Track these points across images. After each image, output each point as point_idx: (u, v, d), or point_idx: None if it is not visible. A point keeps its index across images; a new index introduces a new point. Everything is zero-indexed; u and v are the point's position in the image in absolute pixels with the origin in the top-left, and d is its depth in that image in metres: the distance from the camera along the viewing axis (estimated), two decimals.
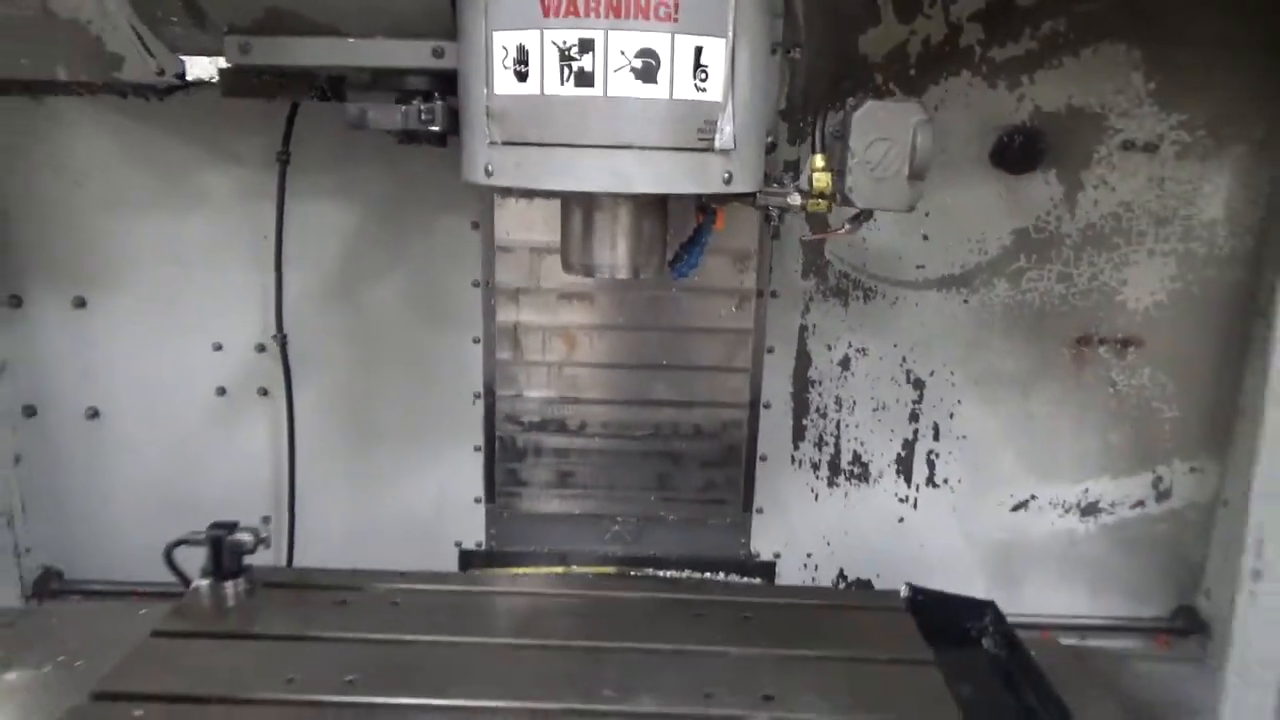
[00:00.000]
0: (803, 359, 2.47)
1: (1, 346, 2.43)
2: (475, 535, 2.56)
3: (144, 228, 2.38)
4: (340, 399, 2.49)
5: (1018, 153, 2.33)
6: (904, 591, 2.19)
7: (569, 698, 1.71)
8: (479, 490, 2.54)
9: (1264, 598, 1.87)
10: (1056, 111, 2.30)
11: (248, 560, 2.04)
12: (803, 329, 2.46)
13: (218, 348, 2.46)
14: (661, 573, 2.51)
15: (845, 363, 2.47)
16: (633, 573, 2.51)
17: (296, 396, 2.43)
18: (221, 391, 2.48)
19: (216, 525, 2.02)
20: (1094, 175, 2.33)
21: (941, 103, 2.30)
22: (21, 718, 1.78)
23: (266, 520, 2.19)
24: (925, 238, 2.39)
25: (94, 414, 2.50)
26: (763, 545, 2.57)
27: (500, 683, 1.74)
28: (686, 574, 2.51)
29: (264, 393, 2.47)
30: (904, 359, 2.47)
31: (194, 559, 2.05)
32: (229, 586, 2.00)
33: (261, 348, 2.45)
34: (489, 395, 2.47)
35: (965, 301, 2.42)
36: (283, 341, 2.37)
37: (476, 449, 2.52)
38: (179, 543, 2.06)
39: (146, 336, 2.45)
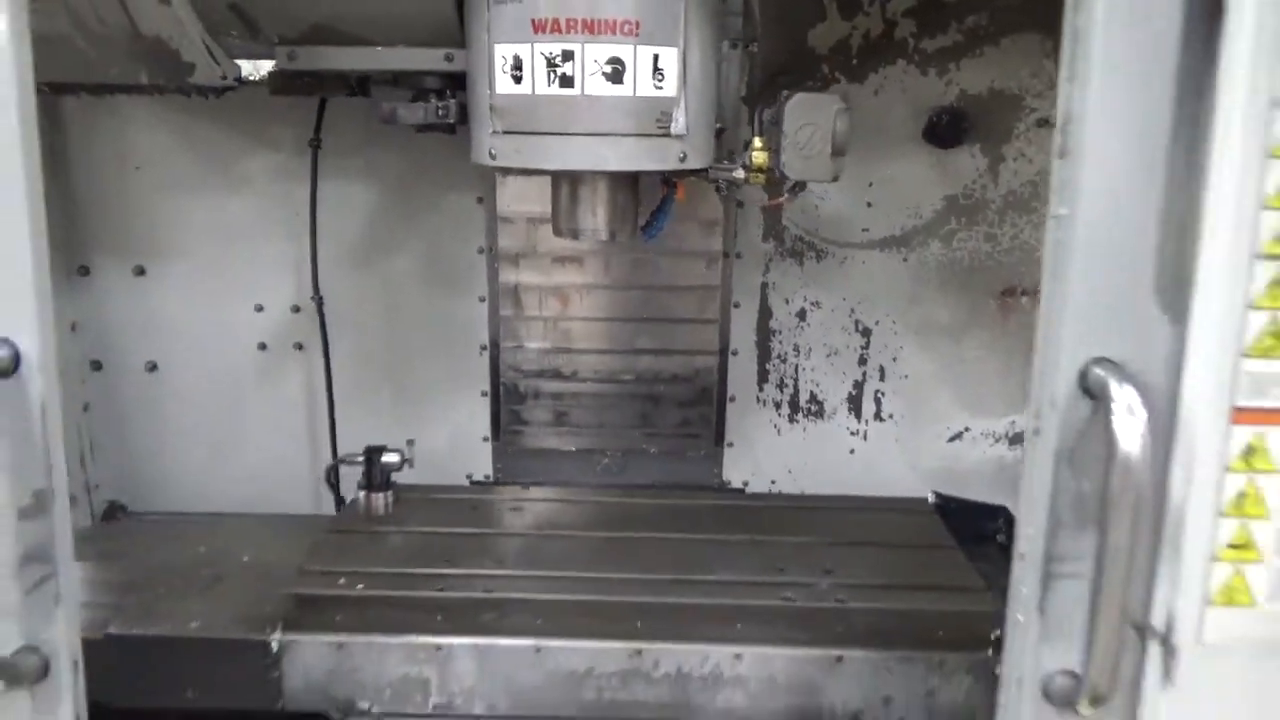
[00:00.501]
0: (764, 312, 2.78)
1: (72, 309, 2.73)
2: (484, 469, 2.88)
3: (194, 206, 2.68)
4: (365, 352, 2.79)
5: (946, 130, 2.61)
6: (931, 498, 2.61)
7: (670, 571, 2.16)
8: (486, 430, 2.85)
9: None
10: (980, 94, 2.59)
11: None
12: (764, 285, 2.76)
13: (258, 309, 2.77)
14: None
15: (802, 314, 2.78)
16: None
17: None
18: (262, 347, 2.79)
19: (371, 448, 2.45)
20: (1013, 149, 2.63)
21: (880, 88, 2.60)
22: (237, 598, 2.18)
23: (411, 443, 2.51)
24: (869, 205, 2.69)
25: (152, 367, 2.80)
26: (733, 474, 2.89)
27: (612, 562, 2.19)
28: None
29: (299, 347, 2.79)
30: (852, 310, 2.78)
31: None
32: (379, 497, 2.42)
33: (296, 308, 2.76)
34: (494, 347, 2.78)
35: (904, 260, 2.73)
36: (319, 302, 2.65)
37: (484, 394, 2.82)
38: (340, 462, 2.52)
39: (197, 299, 2.75)
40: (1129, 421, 1.11)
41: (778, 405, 2.87)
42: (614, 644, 1.97)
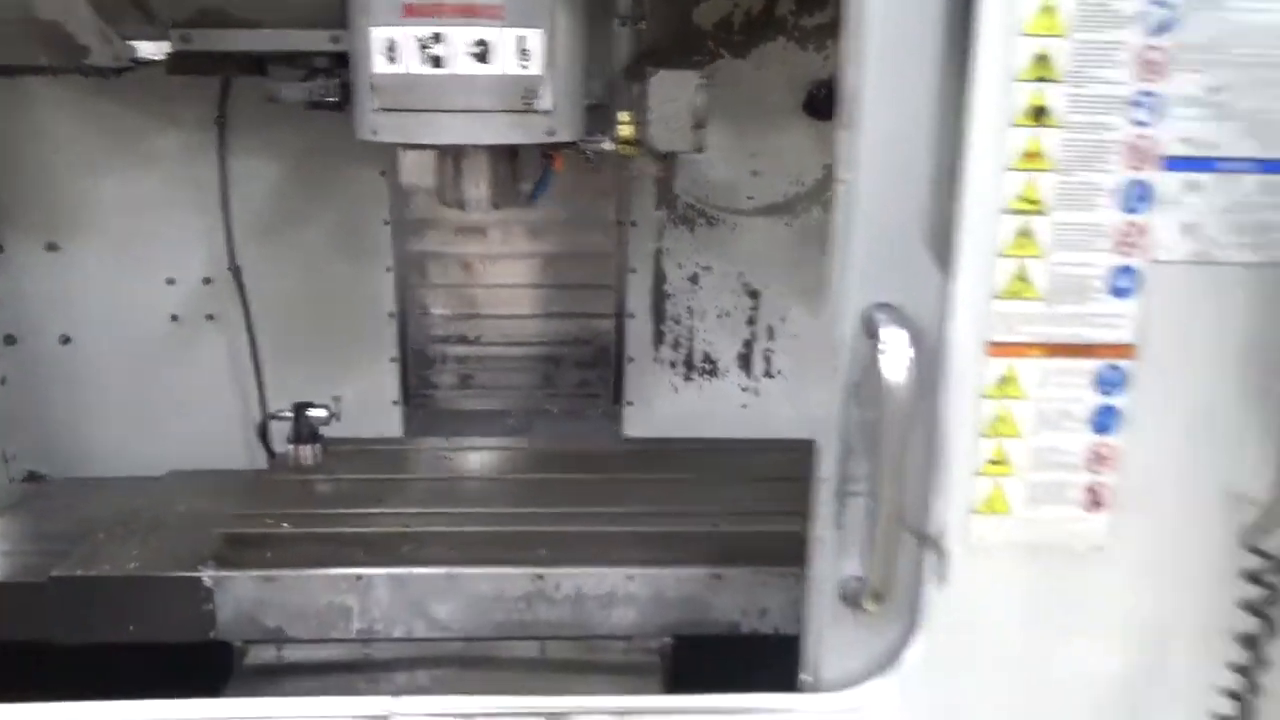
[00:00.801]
0: (659, 276, 2.92)
1: None
2: (395, 431, 2.98)
3: (104, 183, 2.74)
4: (276, 322, 2.85)
5: (825, 103, 2.72)
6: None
7: (572, 505, 2.38)
8: (396, 394, 2.95)
9: None
10: None
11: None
12: (658, 251, 2.90)
13: (170, 282, 2.83)
14: None
15: (694, 279, 2.92)
16: None
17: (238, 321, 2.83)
18: (174, 318, 2.86)
19: (299, 404, 2.59)
20: None
21: (762, 63, 2.73)
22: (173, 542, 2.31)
23: (337, 399, 2.66)
24: (754, 174, 2.83)
25: (66, 340, 2.85)
26: (633, 431, 3.02)
27: (521, 500, 2.43)
28: None
29: (210, 318, 2.87)
30: (741, 274, 2.92)
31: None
32: (308, 449, 2.58)
33: (207, 280, 2.83)
34: (401, 314, 2.89)
35: (788, 225, 2.87)
36: (237, 272, 2.73)
37: (392, 360, 2.92)
38: (271, 417, 2.67)
39: (109, 273, 2.80)
40: (895, 358, 1.29)
41: (673, 365, 3.01)
42: (519, 570, 2.17)
